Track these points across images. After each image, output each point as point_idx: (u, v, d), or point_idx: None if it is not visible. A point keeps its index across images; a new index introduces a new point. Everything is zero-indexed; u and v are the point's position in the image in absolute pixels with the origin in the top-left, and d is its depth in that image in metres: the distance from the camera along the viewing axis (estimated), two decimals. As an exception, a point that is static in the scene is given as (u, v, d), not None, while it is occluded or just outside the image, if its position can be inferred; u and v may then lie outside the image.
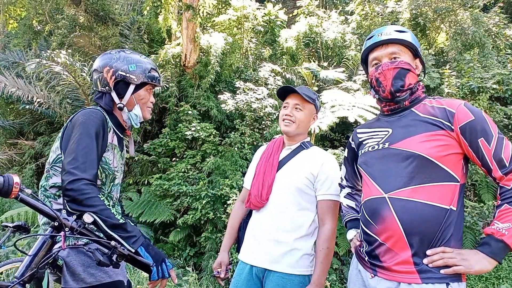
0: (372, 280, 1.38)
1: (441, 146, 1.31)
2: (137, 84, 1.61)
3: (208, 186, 5.51)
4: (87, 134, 1.44)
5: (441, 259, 1.25)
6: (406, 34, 1.45)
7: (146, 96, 1.66)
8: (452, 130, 1.31)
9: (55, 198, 1.50)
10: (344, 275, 4.82)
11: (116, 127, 1.64)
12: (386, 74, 1.41)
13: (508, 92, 5.97)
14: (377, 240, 1.36)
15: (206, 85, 6.90)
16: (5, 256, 4.17)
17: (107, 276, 1.48)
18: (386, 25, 1.98)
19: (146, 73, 1.63)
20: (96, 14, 8.99)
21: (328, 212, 1.75)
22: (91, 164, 1.40)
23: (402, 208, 1.30)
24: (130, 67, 1.60)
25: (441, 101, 1.40)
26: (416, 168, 1.31)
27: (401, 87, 1.40)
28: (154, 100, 1.73)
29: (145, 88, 1.65)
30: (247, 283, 1.76)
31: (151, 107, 1.70)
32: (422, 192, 1.30)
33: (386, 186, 1.36)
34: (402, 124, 1.42)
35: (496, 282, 4.27)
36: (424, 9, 8.21)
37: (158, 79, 1.68)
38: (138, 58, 1.65)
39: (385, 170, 1.39)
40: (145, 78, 1.62)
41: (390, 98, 1.44)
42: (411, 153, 1.33)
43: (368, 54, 1.53)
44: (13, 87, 6.33)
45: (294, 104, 1.86)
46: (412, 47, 1.46)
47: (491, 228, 1.23)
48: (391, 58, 1.44)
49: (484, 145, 1.27)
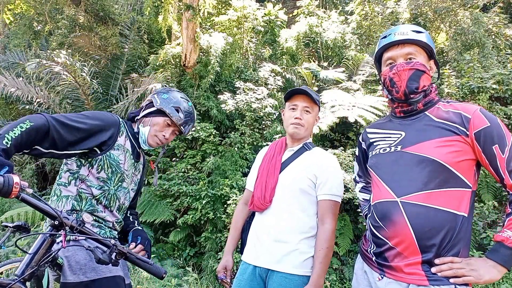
0: (380, 282, 1.37)
1: (455, 152, 1.30)
2: (157, 107, 1.69)
3: (208, 186, 5.52)
4: (87, 115, 1.54)
5: (450, 270, 1.24)
6: (422, 34, 1.43)
7: (159, 125, 1.71)
8: (467, 135, 1.30)
9: (65, 185, 1.57)
10: (344, 275, 4.81)
11: (132, 136, 1.72)
12: (401, 75, 1.40)
13: (508, 92, 5.96)
14: (387, 244, 1.35)
15: (206, 85, 6.90)
16: (5, 256, 4.17)
17: (108, 271, 1.48)
18: (398, 25, 1.98)
19: (169, 105, 1.70)
20: (96, 14, 9.00)
21: (329, 212, 1.75)
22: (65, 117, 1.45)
23: (414, 213, 1.29)
24: (163, 95, 1.74)
25: (457, 105, 1.38)
26: (430, 173, 1.30)
27: (415, 89, 1.39)
28: (168, 137, 1.75)
29: (163, 118, 1.71)
30: (250, 283, 1.76)
31: (160, 139, 1.72)
32: (436, 197, 1.29)
33: (399, 190, 1.35)
34: (416, 128, 1.41)
35: (496, 282, 4.27)
36: (424, 9, 8.21)
37: (177, 117, 1.71)
38: (176, 95, 1.75)
39: (398, 174, 1.37)
40: (164, 108, 1.69)
41: (404, 100, 1.42)
42: (425, 158, 1.32)
43: (383, 53, 1.51)
44: (13, 87, 6.32)
45: (303, 106, 1.84)
46: (427, 48, 1.44)
47: (500, 235, 1.23)
48: (407, 58, 1.42)
49: (498, 153, 1.26)
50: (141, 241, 1.70)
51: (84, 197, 1.55)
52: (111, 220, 1.65)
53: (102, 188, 1.59)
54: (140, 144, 1.74)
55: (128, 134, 1.70)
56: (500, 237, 1.23)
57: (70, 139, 1.44)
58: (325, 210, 1.75)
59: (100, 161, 1.57)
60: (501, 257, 1.22)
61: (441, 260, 1.26)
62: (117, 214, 1.69)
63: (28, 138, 1.30)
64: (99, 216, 1.59)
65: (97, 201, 1.58)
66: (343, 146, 6.11)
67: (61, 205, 1.53)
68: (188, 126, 1.77)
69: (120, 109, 6.40)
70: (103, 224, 1.61)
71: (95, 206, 1.57)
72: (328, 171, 1.78)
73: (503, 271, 1.22)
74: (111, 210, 1.64)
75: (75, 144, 1.47)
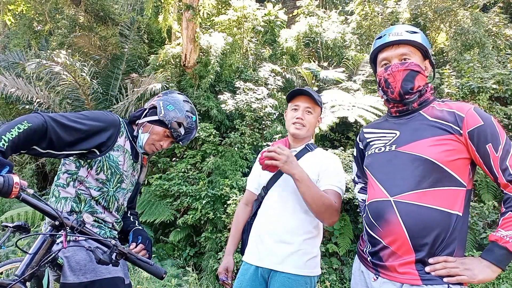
0: (375, 282, 1.37)
1: (449, 151, 1.30)
2: (160, 118, 1.69)
3: (208, 186, 5.52)
4: (87, 115, 1.52)
5: (444, 269, 1.24)
6: (417, 35, 1.43)
7: (159, 135, 1.71)
8: (460, 134, 1.30)
9: (64, 186, 1.55)
10: (344, 275, 4.82)
11: (132, 136, 1.72)
12: (396, 76, 1.40)
13: (508, 92, 5.96)
14: (381, 243, 1.36)
15: (206, 85, 6.90)
16: (5, 256, 4.17)
17: (107, 272, 1.48)
18: (395, 25, 1.98)
19: (172, 119, 1.69)
20: (96, 14, 9.01)
21: (332, 196, 1.69)
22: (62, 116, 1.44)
23: (407, 212, 1.29)
24: (168, 105, 1.72)
25: (451, 104, 1.38)
26: (423, 172, 1.30)
27: (410, 89, 1.39)
28: (165, 147, 1.76)
29: (163, 129, 1.71)
30: (252, 283, 1.75)
31: (156, 148, 1.73)
32: (429, 196, 1.29)
33: (392, 189, 1.35)
34: (410, 127, 1.41)
35: (496, 282, 4.27)
36: (424, 9, 8.21)
37: (177, 133, 1.72)
38: (182, 107, 1.73)
39: (391, 173, 1.38)
40: (167, 121, 1.69)
41: (399, 100, 1.43)
42: (418, 157, 1.32)
43: (378, 54, 1.51)
44: (13, 87, 6.33)
45: (305, 107, 1.85)
46: (422, 48, 1.44)
47: (495, 235, 1.23)
48: (401, 59, 1.42)
49: (491, 151, 1.26)
50: (141, 240, 1.70)
51: (83, 199, 1.55)
52: (111, 220, 1.65)
53: (101, 189, 1.58)
54: (136, 146, 1.74)
55: (128, 135, 1.70)
56: (494, 237, 1.23)
57: (68, 139, 1.43)
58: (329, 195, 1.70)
59: (99, 163, 1.56)
60: (495, 257, 1.21)
61: (435, 259, 1.26)
62: (116, 215, 1.69)
63: (25, 139, 1.29)
64: (99, 217, 1.59)
65: (96, 202, 1.58)
66: (343, 146, 6.11)
67: (60, 206, 1.52)
68: (186, 140, 1.78)
69: (120, 109, 6.40)
70: (103, 224, 1.61)
71: (94, 208, 1.57)
72: (330, 167, 1.78)
73: (497, 271, 1.21)
74: (110, 211, 1.64)
75: (73, 144, 1.46)
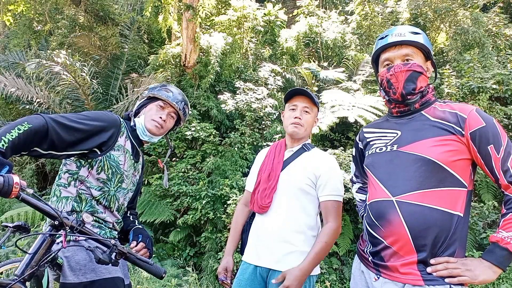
0: (376, 282, 1.37)
1: (451, 151, 1.30)
2: (147, 96, 1.76)
3: (208, 186, 5.52)
4: (87, 115, 1.54)
5: (446, 269, 1.24)
6: (420, 36, 1.44)
7: (153, 109, 1.74)
8: (462, 135, 1.30)
9: (65, 186, 1.56)
10: (344, 275, 4.82)
11: (132, 133, 1.73)
12: (398, 76, 1.40)
13: (508, 92, 5.96)
14: (382, 243, 1.36)
15: (206, 85, 6.90)
16: (5, 256, 4.17)
17: (107, 272, 1.48)
18: (396, 25, 1.98)
19: (155, 89, 1.75)
20: (96, 14, 9.01)
21: (332, 212, 1.76)
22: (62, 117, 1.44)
23: (409, 212, 1.30)
24: (154, 88, 1.78)
25: (453, 105, 1.39)
26: (425, 172, 1.30)
27: (412, 90, 1.39)
28: (165, 119, 1.75)
29: (155, 103, 1.74)
30: (251, 282, 1.76)
31: (157, 121, 1.72)
32: (431, 196, 1.29)
33: (394, 189, 1.35)
34: (412, 127, 1.41)
35: (496, 282, 4.27)
36: (424, 9, 8.21)
37: (167, 95, 1.74)
38: (167, 87, 1.79)
39: (393, 173, 1.38)
40: (153, 92, 1.74)
41: (401, 100, 1.43)
42: (420, 157, 1.32)
43: (380, 54, 1.51)
44: (13, 87, 6.33)
45: (303, 107, 1.86)
46: (424, 49, 1.44)
47: (496, 236, 1.23)
48: (404, 60, 1.43)
49: (493, 152, 1.26)
50: (142, 239, 1.70)
51: (84, 198, 1.55)
52: (111, 220, 1.65)
53: (102, 189, 1.58)
54: (140, 137, 1.74)
55: (129, 134, 1.70)
56: (495, 238, 1.24)
57: (69, 140, 1.43)
58: (329, 210, 1.76)
59: (100, 162, 1.56)
60: (496, 257, 1.22)
61: (437, 260, 1.27)
62: (117, 215, 1.69)
63: (26, 140, 1.29)
64: (99, 217, 1.59)
65: (97, 202, 1.58)
66: (343, 146, 6.12)
67: (61, 206, 1.53)
68: (181, 104, 1.78)
69: (120, 109, 6.40)
70: (103, 224, 1.61)
71: (95, 207, 1.57)
72: (328, 172, 1.79)
73: (498, 272, 1.22)
74: (111, 211, 1.64)
75: (75, 145, 1.46)
